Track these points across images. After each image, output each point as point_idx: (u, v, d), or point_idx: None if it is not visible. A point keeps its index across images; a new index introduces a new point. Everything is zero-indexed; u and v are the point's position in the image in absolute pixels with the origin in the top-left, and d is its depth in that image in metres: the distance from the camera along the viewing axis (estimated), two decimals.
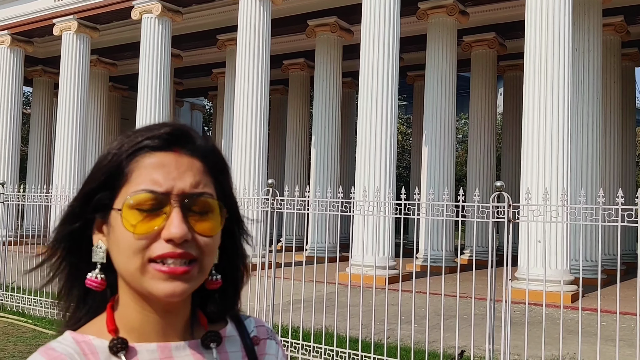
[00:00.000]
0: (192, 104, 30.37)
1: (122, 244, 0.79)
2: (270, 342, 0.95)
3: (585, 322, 7.19)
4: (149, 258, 0.77)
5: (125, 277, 0.80)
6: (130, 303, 0.82)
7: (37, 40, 18.98)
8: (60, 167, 16.43)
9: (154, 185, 0.78)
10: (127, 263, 0.78)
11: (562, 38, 9.96)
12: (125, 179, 0.80)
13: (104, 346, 0.80)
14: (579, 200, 4.65)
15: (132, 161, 0.80)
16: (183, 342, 0.84)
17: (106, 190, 0.81)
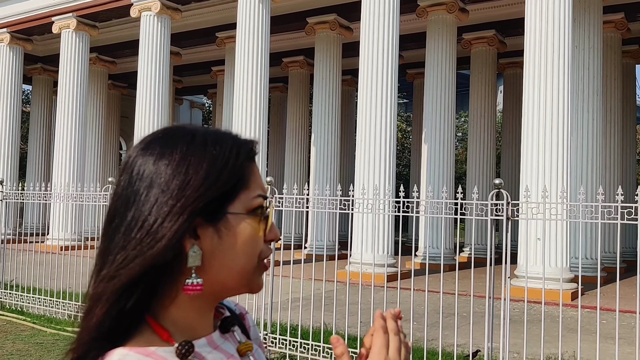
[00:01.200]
0: (191, 102, 30.35)
1: (247, 246, 0.82)
2: (249, 315, 1.02)
3: (585, 320, 7.18)
4: (263, 258, 0.85)
5: (235, 277, 0.83)
6: (190, 303, 0.82)
7: (37, 38, 18.96)
8: (59, 165, 16.41)
9: (263, 191, 0.86)
10: (247, 264, 0.83)
11: (562, 35, 9.94)
12: (243, 184, 0.84)
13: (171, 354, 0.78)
14: (579, 198, 4.63)
15: (246, 167, 0.85)
16: (216, 331, 0.88)
17: (221, 194, 0.81)
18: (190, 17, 16.59)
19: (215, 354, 0.84)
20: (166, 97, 15.28)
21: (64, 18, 16.69)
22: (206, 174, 0.80)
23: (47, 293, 8.31)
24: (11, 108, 18.20)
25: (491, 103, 16.41)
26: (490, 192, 4.80)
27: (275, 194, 6.19)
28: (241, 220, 0.82)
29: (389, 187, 10.72)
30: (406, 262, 12.77)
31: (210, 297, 0.84)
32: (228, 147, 0.84)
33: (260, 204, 0.84)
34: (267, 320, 6.21)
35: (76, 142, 16.49)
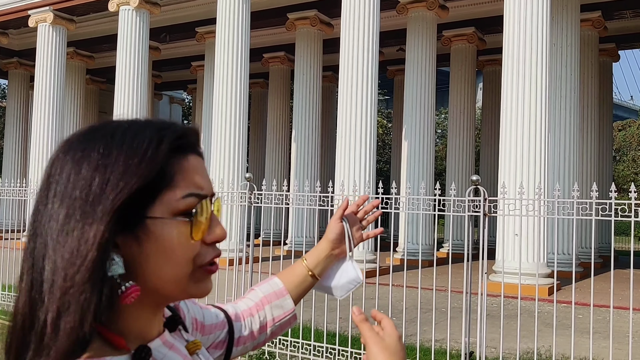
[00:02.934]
0: (171, 97, 30.12)
1: (175, 252, 0.73)
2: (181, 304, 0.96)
3: (561, 314, 7.26)
4: (201, 264, 0.76)
5: (167, 285, 0.74)
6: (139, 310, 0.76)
7: (12, 32, 18.66)
8: (36, 161, 16.20)
9: (199, 190, 0.75)
10: (179, 271, 0.74)
11: (540, 33, 10.03)
12: (168, 183, 0.73)
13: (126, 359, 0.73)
14: (555, 195, 4.68)
15: (173, 163, 0.74)
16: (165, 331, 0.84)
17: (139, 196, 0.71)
18: (169, 12, 16.45)
19: (171, 354, 0.80)
20: (145, 92, 15.14)
21: (40, 11, 16.45)
22: (120, 176, 0.70)
23: None
24: None
25: (471, 100, 16.52)
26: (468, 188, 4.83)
27: (254, 190, 6.16)
28: (163, 225, 0.72)
29: (369, 183, 10.74)
30: (385, 258, 12.81)
31: (152, 304, 0.77)
32: (147, 140, 0.73)
33: (190, 206, 0.73)
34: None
35: (53, 137, 16.27)
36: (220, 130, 13.16)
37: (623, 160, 35.13)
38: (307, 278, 1.24)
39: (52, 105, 16.32)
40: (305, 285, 1.25)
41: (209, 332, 1.03)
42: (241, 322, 1.12)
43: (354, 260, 1.26)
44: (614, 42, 16.29)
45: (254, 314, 1.16)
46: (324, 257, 1.25)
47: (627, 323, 6.48)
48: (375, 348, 0.87)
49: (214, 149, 13.25)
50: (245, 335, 1.12)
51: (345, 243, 1.26)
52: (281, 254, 6.05)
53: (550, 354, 5.61)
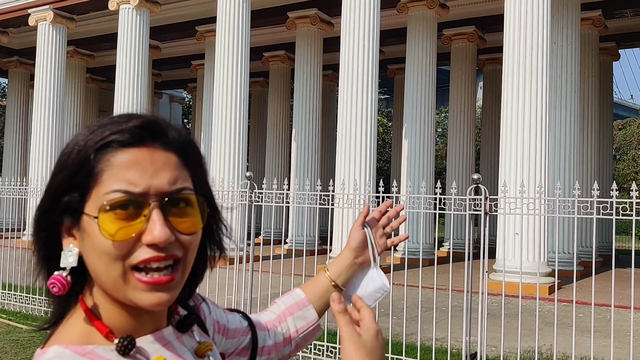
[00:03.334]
0: (171, 96, 30.10)
1: (98, 250, 0.72)
2: (203, 305, 0.96)
3: (562, 313, 7.26)
4: (131, 265, 0.72)
5: (105, 285, 0.74)
6: (113, 307, 0.76)
7: (13, 30, 18.65)
8: (36, 159, 16.20)
9: (129, 186, 0.71)
10: (108, 271, 0.72)
11: (541, 32, 10.02)
12: (95, 179, 0.72)
13: (110, 352, 0.74)
14: (556, 193, 4.67)
15: (101, 159, 0.73)
16: (168, 327, 0.82)
17: (74, 191, 0.73)
18: (169, 11, 16.43)
19: (163, 351, 0.79)
20: (145, 91, 15.13)
21: (40, 10, 16.44)
22: (54, 171, 0.75)
23: (23, 289, 8.19)
24: None
25: (471, 99, 16.51)
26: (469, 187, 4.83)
27: (254, 188, 6.16)
28: (90, 221, 0.72)
29: (370, 182, 10.74)
30: (386, 256, 12.81)
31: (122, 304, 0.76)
32: (82, 136, 0.75)
33: (117, 201, 0.71)
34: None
35: (53, 136, 16.27)
36: (221, 129, 13.15)
37: (623, 159, 35.15)
38: (330, 288, 1.18)
39: (52, 104, 16.31)
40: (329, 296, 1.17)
41: (232, 336, 1.01)
42: (265, 331, 1.09)
43: (379, 268, 1.22)
44: (614, 41, 16.28)
45: (277, 325, 1.12)
46: (347, 266, 1.19)
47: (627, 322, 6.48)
48: (350, 347, 0.80)
49: (214, 148, 13.24)
50: (269, 346, 1.09)
51: (368, 251, 1.20)
52: (282, 253, 6.05)
53: (551, 353, 5.61)
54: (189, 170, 0.78)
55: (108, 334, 0.75)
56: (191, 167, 0.79)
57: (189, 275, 0.82)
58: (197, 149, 0.82)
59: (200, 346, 0.85)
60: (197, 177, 0.80)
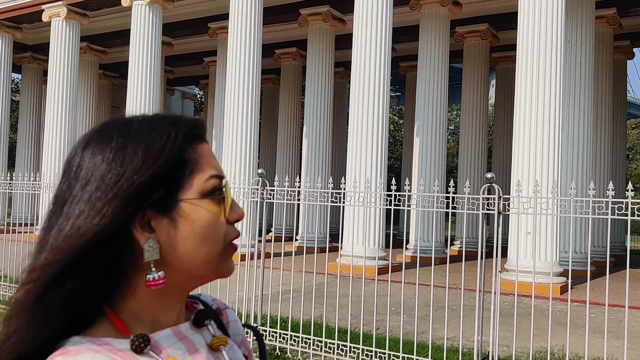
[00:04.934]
0: (183, 93, 30.20)
1: (207, 232, 0.78)
2: (229, 310, 0.99)
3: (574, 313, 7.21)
4: (228, 242, 0.81)
5: (202, 265, 0.80)
6: (150, 295, 0.80)
7: (26, 26, 18.76)
8: (49, 154, 16.30)
9: (219, 172, 0.82)
10: (210, 250, 0.79)
11: (555, 30, 9.94)
12: (192, 167, 0.79)
13: (126, 346, 0.76)
14: (570, 193, 4.64)
15: (195, 150, 0.81)
16: (185, 323, 0.85)
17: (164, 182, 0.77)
18: (182, 7, 16.47)
19: (178, 345, 0.81)
20: (157, 87, 15.18)
21: (54, 6, 16.52)
22: (142, 162, 0.76)
23: None
24: (0, 97, 18.02)
25: (483, 97, 16.43)
26: (481, 186, 4.80)
27: (266, 185, 6.16)
28: (196, 206, 0.78)
29: (381, 180, 10.72)
30: (397, 255, 12.79)
31: (177, 289, 0.82)
32: (165, 130, 0.79)
33: (215, 186, 0.80)
34: (257, 312, 6.20)
35: (66, 132, 16.36)
36: (232, 126, 13.17)
37: (636, 158, 34.85)
38: None
39: (65, 99, 16.39)
40: None
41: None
42: None
43: None
44: (629, 39, 16.12)
45: None
46: None
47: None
48: None
49: (226, 145, 13.26)
50: None
51: None
52: (293, 250, 6.04)
53: (563, 354, 5.58)
54: None
55: (125, 330, 0.78)
56: None
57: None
58: None
59: (214, 340, 0.87)
60: None
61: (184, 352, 0.81)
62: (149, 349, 0.77)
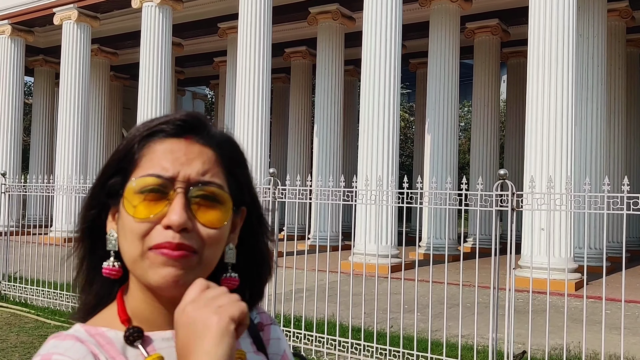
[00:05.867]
0: (193, 93, 30.28)
1: (125, 229, 0.76)
2: (273, 327, 0.96)
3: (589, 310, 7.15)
4: (148, 247, 0.75)
5: (129, 265, 0.78)
6: (139, 294, 0.80)
7: (38, 29, 18.90)
8: (62, 156, 16.40)
9: (161, 170, 0.76)
10: (130, 249, 0.76)
11: (567, 24, 9.86)
12: (136, 164, 0.78)
13: (119, 337, 0.78)
14: (584, 189, 4.60)
15: (144, 147, 0.79)
16: None
17: (119, 175, 0.79)
18: (191, 8, 16.51)
19: (172, 350, 0.77)
20: (168, 88, 15.24)
21: (65, 9, 16.63)
22: (109, 158, 0.82)
23: (51, 285, 8.32)
24: (13, 100, 18.17)
25: (494, 92, 16.33)
26: (493, 182, 4.77)
27: (278, 185, 6.16)
28: (125, 201, 0.77)
29: (392, 177, 10.69)
30: (410, 252, 12.76)
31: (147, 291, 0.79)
32: (135, 128, 0.82)
33: (147, 184, 0.75)
34: (270, 311, 6.20)
35: (79, 133, 16.47)
36: (243, 125, 13.20)
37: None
38: None
39: (77, 101, 16.50)
40: None
41: None
42: None
43: None
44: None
45: None
46: None
47: None
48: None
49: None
50: None
51: None
52: (305, 249, 6.04)
53: (579, 350, 5.53)
54: (225, 169, 0.81)
55: (125, 321, 0.79)
56: (229, 166, 0.82)
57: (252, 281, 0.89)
58: (238, 149, 0.86)
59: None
60: (235, 177, 0.82)
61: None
62: (139, 342, 0.77)
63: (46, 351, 0.73)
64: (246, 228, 0.85)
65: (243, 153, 0.87)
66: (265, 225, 0.89)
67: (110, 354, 0.76)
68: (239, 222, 0.84)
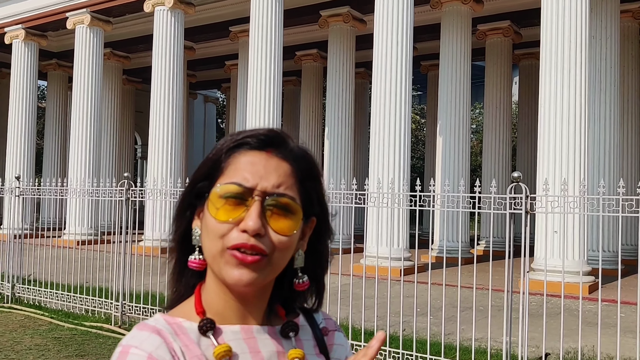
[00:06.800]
0: (205, 96, 30.37)
1: (208, 228, 0.87)
2: (338, 333, 1.03)
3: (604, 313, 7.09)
4: (227, 246, 0.85)
5: (209, 260, 0.88)
6: (215, 287, 0.90)
7: (51, 34, 19.06)
8: (75, 160, 16.51)
9: (242, 180, 0.86)
10: (211, 246, 0.86)
11: (579, 25, 9.80)
12: (221, 171, 0.89)
13: (194, 327, 0.88)
14: (598, 191, 4.56)
15: (230, 157, 0.89)
16: (264, 327, 0.92)
17: (207, 180, 0.90)
18: (203, 12, 16.59)
19: (241, 342, 0.89)
20: (180, 91, 15.30)
21: (78, 14, 16.76)
22: (200, 164, 0.93)
23: (65, 288, 8.38)
24: (27, 104, 18.32)
25: (506, 94, 16.26)
26: (505, 185, 4.75)
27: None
28: (210, 203, 0.87)
29: (404, 180, 10.67)
30: (422, 255, 12.72)
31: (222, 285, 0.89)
32: (224, 139, 0.93)
33: (229, 191, 0.85)
34: None
35: (91, 137, 16.57)
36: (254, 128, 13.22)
37: None
38: None
39: (90, 105, 16.60)
40: None
41: None
42: None
43: None
44: None
45: None
46: None
47: None
48: None
49: None
50: None
51: None
52: None
53: (593, 354, 5.49)
54: (299, 182, 0.91)
55: (200, 313, 0.90)
56: (302, 180, 0.91)
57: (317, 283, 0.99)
58: (313, 164, 0.95)
59: (291, 351, 0.92)
60: (307, 190, 0.92)
61: (244, 349, 0.89)
62: (211, 333, 0.88)
63: (126, 342, 0.85)
64: (315, 235, 0.95)
65: (316, 167, 0.95)
66: (331, 232, 1.00)
67: (184, 342, 0.86)
68: (308, 231, 0.94)
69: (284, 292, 0.96)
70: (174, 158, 14.89)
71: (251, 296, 0.90)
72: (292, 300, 0.98)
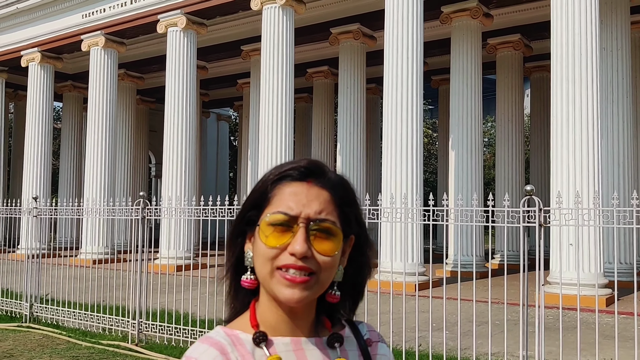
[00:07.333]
0: (218, 115, 30.60)
1: (259, 252, 0.98)
2: (381, 344, 1.12)
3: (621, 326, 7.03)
4: (277, 266, 0.95)
5: (261, 279, 0.99)
6: (267, 303, 1.01)
7: (66, 56, 19.37)
8: (91, 180, 16.68)
9: (287, 209, 0.97)
10: (262, 268, 0.98)
11: (589, 37, 9.81)
12: (268, 201, 1.00)
13: (249, 339, 0.99)
14: (612, 203, 4.56)
15: (275, 188, 1.00)
16: (311, 338, 1.02)
17: (255, 209, 1.01)
18: (215, 31, 16.79)
19: (291, 353, 0.99)
20: (193, 110, 15.46)
21: (92, 36, 17.03)
22: (249, 194, 1.05)
23: (82, 306, 8.44)
24: (43, 125, 18.58)
25: (518, 107, 16.25)
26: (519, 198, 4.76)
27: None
28: (260, 230, 0.98)
29: (417, 194, 10.66)
30: (437, 270, 12.68)
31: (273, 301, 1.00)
32: (269, 171, 1.04)
33: (276, 219, 0.97)
34: None
35: (106, 157, 16.75)
36: (267, 146, 13.32)
37: None
38: None
39: (105, 125, 16.81)
40: None
41: None
42: None
43: None
44: None
45: None
46: None
47: None
48: None
49: (261, 164, 13.41)
50: None
51: None
52: None
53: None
54: (338, 207, 1.01)
55: (254, 326, 1.01)
56: (340, 205, 1.01)
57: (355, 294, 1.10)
58: (350, 190, 1.06)
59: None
60: (345, 214, 1.02)
61: (293, 359, 0.99)
62: (264, 344, 0.98)
63: (189, 353, 0.97)
64: (354, 249, 1.06)
65: (352, 192, 1.06)
66: (370, 244, 1.09)
67: (240, 352, 0.98)
68: (348, 249, 1.04)
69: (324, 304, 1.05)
70: (187, 176, 15.01)
71: (300, 310, 1.00)
72: (334, 311, 1.07)
